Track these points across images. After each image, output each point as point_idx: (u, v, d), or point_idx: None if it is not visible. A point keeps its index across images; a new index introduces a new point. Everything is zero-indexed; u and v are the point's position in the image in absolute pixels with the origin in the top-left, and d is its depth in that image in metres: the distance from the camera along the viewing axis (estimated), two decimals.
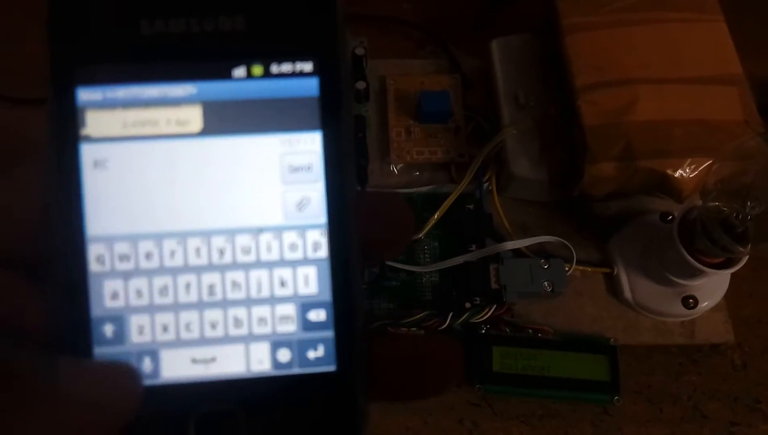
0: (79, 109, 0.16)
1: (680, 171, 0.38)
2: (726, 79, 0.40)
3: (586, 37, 0.41)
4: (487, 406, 0.39)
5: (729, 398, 0.40)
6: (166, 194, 0.16)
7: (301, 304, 0.16)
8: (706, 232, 0.35)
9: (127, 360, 0.16)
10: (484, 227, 0.42)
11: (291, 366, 0.16)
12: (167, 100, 0.16)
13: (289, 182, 0.16)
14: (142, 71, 0.16)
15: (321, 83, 0.16)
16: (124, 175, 0.16)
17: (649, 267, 0.41)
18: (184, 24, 0.15)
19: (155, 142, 0.16)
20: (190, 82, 0.16)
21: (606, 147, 0.38)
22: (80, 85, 0.16)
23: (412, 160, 0.45)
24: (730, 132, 0.38)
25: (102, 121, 0.16)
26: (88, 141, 0.16)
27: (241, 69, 0.16)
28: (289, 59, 0.16)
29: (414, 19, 0.51)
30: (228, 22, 0.15)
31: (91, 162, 0.16)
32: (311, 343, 0.16)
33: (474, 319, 0.38)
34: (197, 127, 0.16)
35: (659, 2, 0.42)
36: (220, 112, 0.16)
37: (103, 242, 0.16)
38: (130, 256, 0.16)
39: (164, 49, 0.16)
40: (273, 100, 0.16)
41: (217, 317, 0.16)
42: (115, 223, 0.16)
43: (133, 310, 0.16)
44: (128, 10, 0.15)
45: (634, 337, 0.41)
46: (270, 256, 0.16)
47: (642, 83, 0.39)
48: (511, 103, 0.44)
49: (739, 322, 0.41)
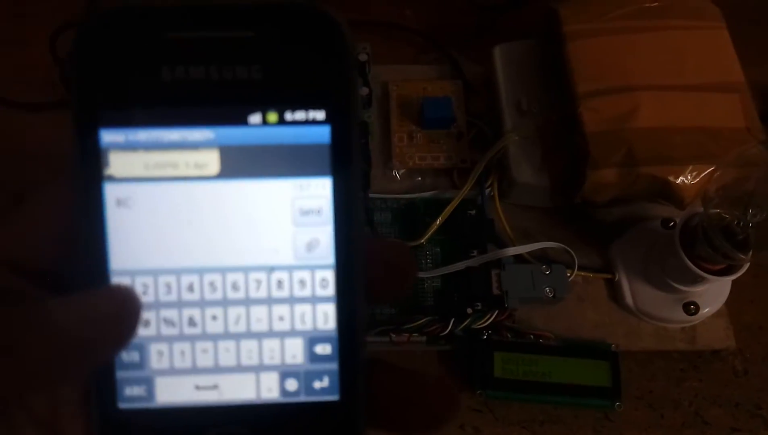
0: (102, 150, 0.17)
1: (682, 178, 0.38)
2: (728, 86, 0.40)
3: (588, 44, 0.41)
4: (488, 411, 0.39)
5: (730, 404, 0.40)
6: (184, 232, 0.17)
7: (309, 338, 0.18)
8: (708, 239, 0.35)
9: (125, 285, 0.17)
10: (486, 233, 0.42)
11: (298, 394, 0.17)
12: (186, 143, 0.17)
13: (300, 224, 0.17)
14: (162, 115, 0.17)
15: (332, 131, 0.17)
16: (145, 214, 0.17)
17: (650, 273, 0.41)
18: (204, 72, 0.16)
19: (174, 183, 0.17)
20: (208, 127, 0.17)
21: (608, 153, 0.38)
22: (104, 127, 0.16)
23: (415, 166, 0.45)
24: (731, 139, 0.38)
25: (124, 162, 0.17)
26: (111, 180, 0.17)
27: (257, 116, 0.17)
28: (302, 108, 0.17)
29: (417, 25, 0.51)
30: (245, 70, 0.16)
31: (114, 200, 0.17)
32: (317, 374, 0.17)
33: (476, 324, 0.39)
34: (214, 170, 0.17)
35: (661, 10, 0.42)
36: (237, 156, 0.17)
37: (125, 276, 0.17)
38: (150, 289, 0.17)
39: (184, 95, 0.16)
40: (286, 147, 0.17)
41: (231, 348, 0.17)
42: (137, 258, 0.17)
43: (153, 339, 0.17)
44: (150, 57, 0.16)
45: (636, 342, 0.41)
46: (281, 293, 0.17)
47: (644, 90, 0.39)
48: (514, 110, 0.44)
49: (740, 328, 0.42)
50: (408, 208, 0.44)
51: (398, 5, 0.53)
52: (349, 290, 0.17)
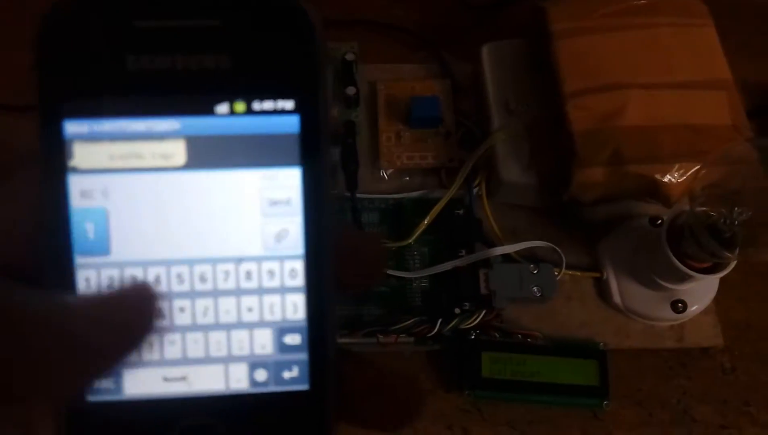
0: (66, 141, 0.16)
1: (669, 176, 0.38)
2: (715, 83, 0.40)
3: (575, 43, 0.41)
4: (476, 411, 0.39)
5: (718, 402, 0.40)
6: (151, 224, 0.17)
7: (278, 328, 0.17)
8: (694, 237, 0.35)
9: (140, 284, 0.16)
10: (473, 232, 0.42)
11: (267, 385, 0.17)
12: (152, 134, 0.16)
13: (269, 215, 0.17)
14: (127, 106, 0.16)
15: (301, 121, 0.17)
16: (110, 206, 0.17)
17: (638, 271, 0.41)
18: (170, 60, 0.16)
19: (140, 174, 0.17)
20: (174, 118, 0.16)
21: (594, 152, 0.38)
22: (68, 118, 0.16)
23: (403, 166, 0.45)
24: (718, 137, 0.38)
25: (89, 153, 0.16)
26: (75, 172, 0.16)
27: (224, 105, 0.16)
28: (271, 97, 0.16)
29: (405, 24, 0.51)
30: (212, 59, 0.16)
31: (78, 192, 0.16)
32: (286, 364, 0.17)
33: (463, 324, 0.39)
34: (181, 161, 0.17)
35: (648, 7, 0.42)
36: (204, 146, 0.17)
37: (92, 269, 0.17)
38: (117, 282, 0.17)
39: (150, 85, 0.16)
40: (255, 136, 0.17)
41: (199, 339, 0.17)
42: (102, 251, 0.17)
43: None
44: (116, 46, 0.16)
45: (624, 341, 0.41)
46: (249, 284, 0.17)
47: (631, 88, 0.39)
48: (501, 109, 0.44)
49: (728, 325, 0.42)
50: (396, 208, 0.44)
51: (387, 4, 0.52)
52: (319, 281, 0.17)
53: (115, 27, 0.16)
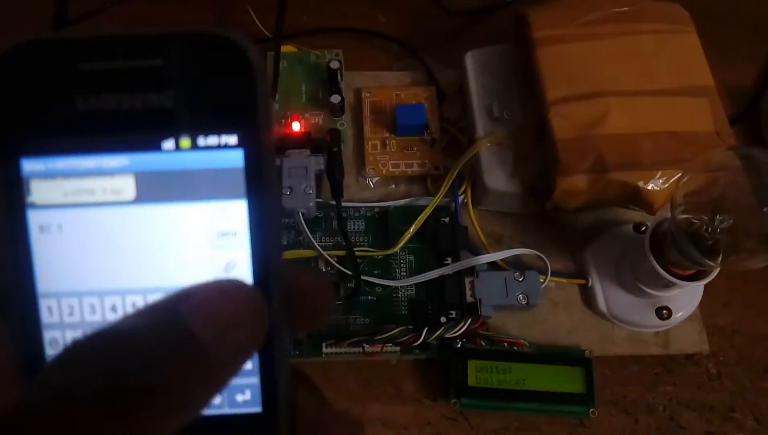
0: (24, 178, 0.17)
1: (651, 183, 0.38)
2: (697, 90, 0.41)
3: (557, 50, 0.41)
4: (463, 420, 0.39)
5: (704, 408, 0.40)
6: (105, 256, 0.17)
7: None
8: (676, 245, 0.35)
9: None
10: (459, 240, 0.42)
11: (221, 407, 0.18)
12: (102, 170, 0.17)
13: (217, 247, 0.18)
14: (79, 144, 0.17)
15: (245, 155, 0.17)
16: (67, 238, 0.17)
17: (623, 278, 0.41)
18: (116, 100, 0.17)
19: (93, 208, 0.17)
20: (123, 154, 0.17)
21: (577, 160, 0.38)
22: (24, 157, 0.17)
23: (388, 173, 0.45)
24: (701, 143, 0.39)
25: (45, 189, 0.17)
26: (33, 208, 0.17)
27: (170, 142, 0.17)
28: (214, 132, 0.17)
29: (389, 31, 0.51)
30: (156, 98, 0.17)
31: (38, 226, 0.17)
32: (239, 388, 0.18)
33: (449, 333, 0.38)
34: (131, 196, 0.17)
35: (630, 15, 0.42)
36: (152, 181, 0.17)
37: (52, 298, 0.17)
38: (76, 310, 0.17)
39: (98, 124, 0.17)
40: (201, 171, 0.17)
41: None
42: (62, 281, 0.17)
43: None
44: (64, 87, 0.16)
45: (610, 347, 0.41)
46: None
47: (613, 96, 0.39)
48: (485, 116, 0.44)
49: (713, 331, 0.42)
50: (381, 216, 0.44)
51: (371, 11, 0.52)
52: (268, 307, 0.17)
53: (63, 69, 0.16)
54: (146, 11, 0.50)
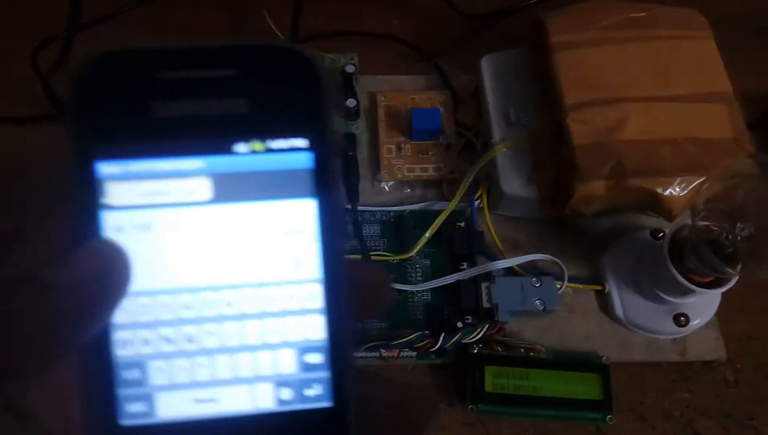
0: (99, 181, 0.18)
1: (670, 189, 0.38)
2: (715, 96, 0.40)
3: (575, 55, 0.41)
4: (479, 426, 0.39)
5: (721, 415, 0.40)
6: (179, 254, 0.18)
7: (300, 348, 0.19)
8: (696, 252, 0.35)
9: (115, 247, 0.18)
10: (475, 245, 0.42)
11: (292, 403, 0.18)
12: (179, 173, 0.18)
13: (287, 244, 0.18)
14: (156, 148, 0.18)
15: (314, 157, 0.18)
16: (141, 239, 0.18)
17: (640, 284, 0.41)
18: (192, 106, 0.18)
19: (168, 209, 0.18)
20: (198, 157, 0.18)
21: (596, 166, 0.38)
22: (100, 160, 0.18)
23: (403, 178, 0.45)
24: (719, 150, 0.38)
25: (120, 191, 0.18)
26: (108, 209, 0.18)
27: (244, 145, 0.18)
28: (285, 136, 0.18)
29: (404, 35, 0.51)
30: (231, 104, 0.18)
31: (113, 227, 0.18)
32: (309, 382, 0.18)
33: (466, 339, 0.38)
34: (206, 196, 0.18)
35: (648, 20, 0.42)
36: (226, 182, 0.18)
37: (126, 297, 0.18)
38: (150, 309, 0.18)
39: (175, 128, 0.18)
40: (272, 172, 0.18)
41: (228, 361, 0.18)
42: (136, 280, 0.18)
43: (153, 356, 0.18)
44: (142, 94, 0.17)
45: (627, 354, 0.41)
46: (272, 307, 0.19)
47: (631, 101, 0.39)
48: (502, 120, 0.44)
49: (731, 338, 0.42)
50: (397, 221, 0.44)
51: (386, 15, 0.52)
52: (335, 302, 0.18)
53: (141, 77, 0.18)
54: (162, 14, 0.50)
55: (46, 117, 0.46)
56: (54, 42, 0.47)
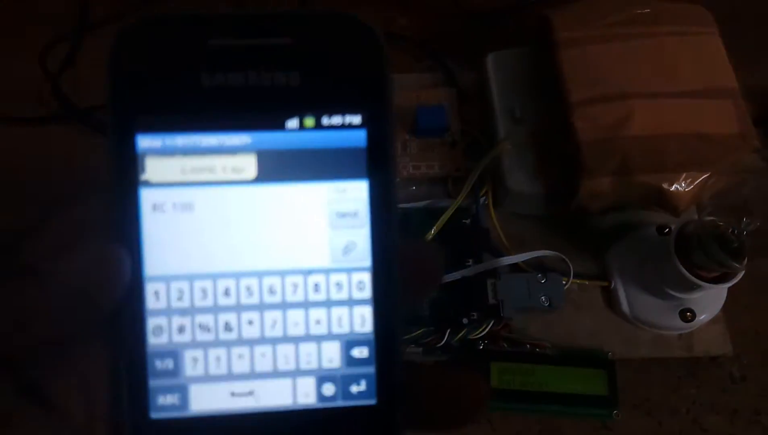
0: (139, 155, 0.17)
1: (676, 185, 0.38)
2: (721, 92, 0.40)
3: (581, 52, 0.41)
4: (485, 422, 0.39)
5: (728, 411, 0.40)
6: (220, 237, 0.17)
7: (346, 341, 0.17)
8: (702, 247, 0.35)
9: (117, 251, 0.17)
10: (481, 242, 0.42)
11: (335, 399, 0.17)
12: (224, 148, 0.17)
13: (337, 227, 0.17)
14: (200, 121, 0.17)
15: (368, 135, 0.17)
16: (181, 219, 0.17)
17: (646, 280, 0.41)
18: (242, 78, 0.16)
19: (211, 187, 0.17)
20: (245, 133, 0.17)
21: (601, 162, 0.38)
22: (140, 133, 0.16)
23: (409, 175, 0.45)
24: (725, 145, 0.38)
25: (161, 167, 0.17)
26: (147, 186, 0.17)
27: (294, 120, 0.17)
28: (339, 112, 0.17)
29: (410, 33, 0.51)
30: (283, 76, 0.17)
31: (150, 206, 0.17)
32: (354, 378, 0.17)
33: (472, 335, 0.38)
34: (251, 175, 0.17)
35: (653, 16, 0.42)
36: (274, 160, 0.17)
37: (161, 281, 0.17)
38: (186, 294, 0.17)
39: (222, 101, 0.16)
40: (323, 151, 0.17)
41: (267, 353, 0.17)
42: (172, 263, 0.17)
43: (188, 345, 0.17)
44: (190, 63, 0.16)
45: (633, 350, 0.41)
46: (317, 296, 0.17)
47: (637, 98, 0.39)
48: (507, 118, 0.44)
49: (737, 334, 0.41)
50: (403, 218, 0.44)
51: (391, 14, 0.53)
52: (386, 292, 0.17)
53: (189, 45, 0.16)
54: None
55: (53, 118, 0.46)
56: (61, 42, 0.48)
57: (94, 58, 0.49)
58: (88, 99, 0.46)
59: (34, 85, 0.46)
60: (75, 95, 0.46)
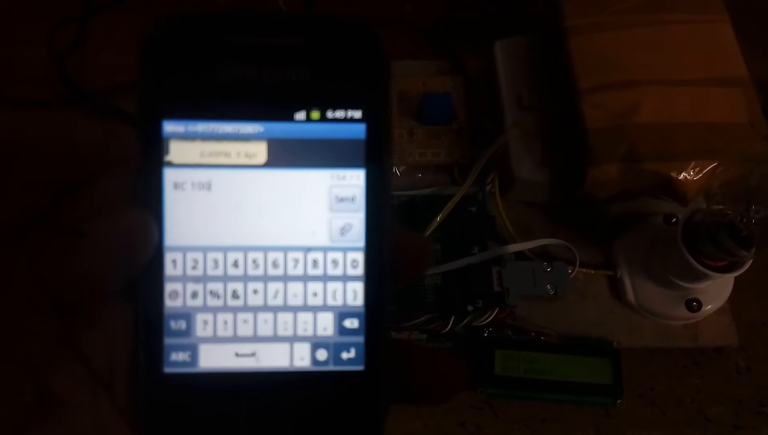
0: (164, 138, 0.19)
1: (684, 173, 0.37)
2: (730, 80, 0.40)
3: (590, 39, 0.41)
4: (489, 409, 0.39)
5: (733, 401, 0.40)
6: (232, 214, 0.19)
7: (339, 312, 0.19)
8: (710, 236, 0.35)
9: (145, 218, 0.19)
10: (486, 229, 0.42)
11: (327, 364, 0.19)
12: (238, 135, 0.19)
13: (336, 210, 0.19)
14: (219, 110, 0.19)
15: (368, 128, 0.19)
16: (198, 196, 0.19)
17: (652, 270, 0.40)
18: (256, 73, 0.19)
19: (226, 170, 0.19)
20: (258, 122, 0.19)
21: (609, 149, 0.38)
22: (166, 119, 0.19)
23: (415, 162, 0.45)
24: (734, 134, 0.38)
25: (183, 150, 0.19)
26: (170, 166, 0.19)
27: (302, 113, 0.19)
28: (342, 107, 0.19)
29: (417, 20, 0.51)
30: (294, 73, 0.19)
31: (172, 184, 0.19)
32: (345, 345, 0.19)
33: (476, 322, 0.38)
34: (262, 160, 0.19)
35: (663, 3, 0.42)
36: (282, 148, 0.19)
37: (178, 251, 0.19)
38: (199, 264, 0.19)
39: (238, 93, 0.19)
40: (327, 141, 0.19)
41: (269, 319, 0.19)
42: (188, 235, 0.19)
43: (200, 309, 0.19)
44: (210, 58, 0.19)
45: (638, 340, 0.41)
46: (315, 271, 0.19)
47: (646, 85, 0.39)
48: (514, 105, 0.43)
49: (743, 325, 0.41)
50: (408, 205, 0.44)
51: (399, 1, 0.52)
52: (377, 271, 0.19)
53: (210, 42, 0.19)
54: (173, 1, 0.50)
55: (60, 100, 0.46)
56: (68, 25, 0.47)
57: (101, 42, 0.49)
58: (96, 82, 0.46)
59: (42, 67, 0.46)
60: (81, 78, 0.46)
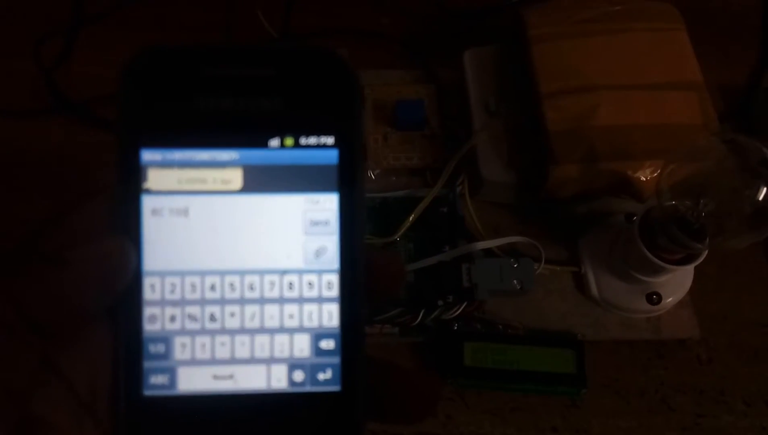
0: (142, 166, 0.19)
1: (640, 172, 0.39)
2: (686, 84, 0.42)
3: (552, 47, 0.43)
4: (459, 399, 0.40)
5: (695, 391, 0.41)
6: (209, 239, 0.20)
7: (315, 334, 0.20)
8: (665, 230, 0.37)
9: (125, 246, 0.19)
10: (457, 229, 0.44)
11: (304, 385, 0.20)
12: (215, 162, 0.20)
13: (310, 233, 0.20)
14: (195, 138, 0.19)
15: (340, 154, 0.20)
16: (176, 222, 0.19)
17: (614, 265, 0.42)
18: (231, 102, 0.19)
19: (203, 196, 0.20)
20: (234, 150, 0.20)
21: (569, 150, 0.40)
22: (144, 147, 0.19)
23: (389, 166, 0.47)
24: (688, 135, 0.40)
25: (160, 177, 0.19)
26: (148, 193, 0.19)
27: (276, 140, 0.20)
28: (315, 133, 0.20)
29: (393, 32, 0.53)
30: (267, 102, 0.19)
31: (150, 210, 0.19)
32: (321, 366, 0.20)
33: (445, 315, 0.40)
34: (238, 186, 0.20)
35: (623, 13, 0.44)
36: (257, 174, 0.20)
37: (157, 276, 0.19)
38: (177, 288, 0.19)
39: (214, 122, 0.19)
40: (300, 167, 0.20)
41: (246, 341, 0.20)
42: (167, 261, 0.19)
43: (178, 332, 0.19)
44: (186, 89, 0.19)
45: (602, 333, 0.42)
46: (291, 293, 0.20)
47: (604, 89, 0.41)
48: (482, 110, 0.46)
49: (704, 317, 0.43)
50: (382, 206, 0.46)
51: (375, 14, 0.55)
52: (351, 292, 0.20)
53: (186, 73, 0.19)
54: (160, 12, 0.52)
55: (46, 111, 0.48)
56: (55, 37, 0.49)
57: (89, 53, 0.51)
58: (83, 93, 0.48)
59: (28, 78, 0.48)
60: (70, 89, 0.48)
